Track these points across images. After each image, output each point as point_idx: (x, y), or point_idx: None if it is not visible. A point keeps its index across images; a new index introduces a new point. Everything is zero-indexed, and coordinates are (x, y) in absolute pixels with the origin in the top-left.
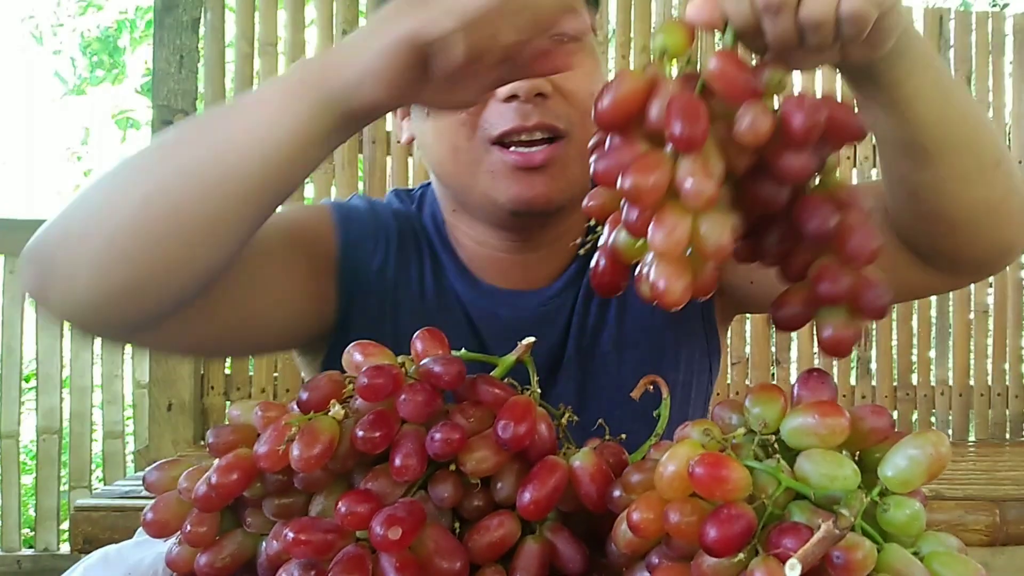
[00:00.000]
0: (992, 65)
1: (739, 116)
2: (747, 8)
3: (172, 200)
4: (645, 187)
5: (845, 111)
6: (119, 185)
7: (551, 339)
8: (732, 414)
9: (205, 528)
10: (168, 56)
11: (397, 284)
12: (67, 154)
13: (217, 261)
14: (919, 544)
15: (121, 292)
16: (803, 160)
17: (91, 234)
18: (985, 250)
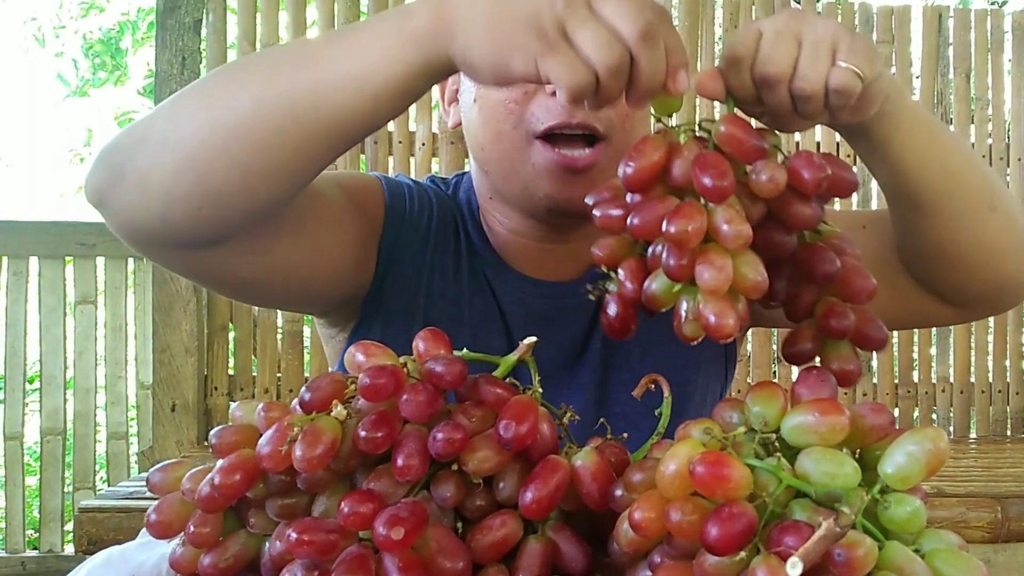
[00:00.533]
0: (991, 63)
1: (757, 171)
2: (747, 81)
3: (263, 124)
4: (689, 231)
5: (841, 167)
6: (209, 99)
7: (576, 331)
8: (733, 412)
9: (208, 529)
10: (170, 57)
11: (433, 264)
12: (70, 156)
13: (287, 189)
14: (920, 541)
15: (189, 203)
16: (811, 209)
17: (171, 142)
18: (988, 286)
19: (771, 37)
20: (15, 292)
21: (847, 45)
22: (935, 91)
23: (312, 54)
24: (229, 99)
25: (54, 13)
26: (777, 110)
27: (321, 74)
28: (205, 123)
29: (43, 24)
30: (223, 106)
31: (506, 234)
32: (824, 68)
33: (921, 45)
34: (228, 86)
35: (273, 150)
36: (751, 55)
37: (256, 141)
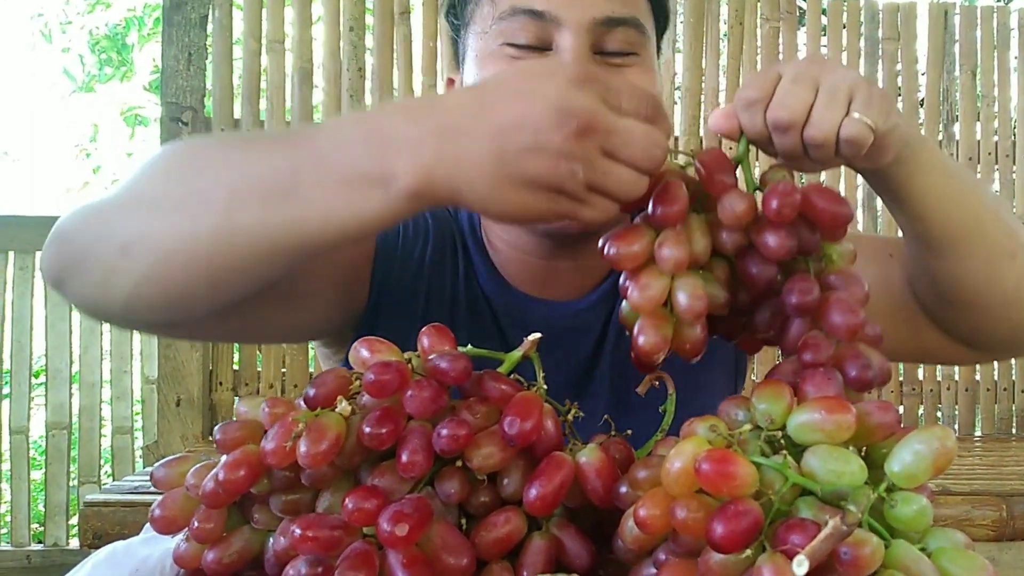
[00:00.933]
0: (997, 60)
1: (723, 202)
2: (760, 123)
3: (230, 253)
4: (627, 254)
5: (829, 198)
6: (168, 216)
7: (580, 352)
8: (738, 410)
9: (212, 524)
10: (176, 53)
11: (430, 284)
12: (76, 151)
13: (257, 287)
14: (926, 540)
15: (151, 305)
16: (780, 239)
17: (132, 253)
18: (1004, 332)
19: (788, 82)
20: (21, 287)
21: (863, 96)
22: (941, 88)
23: (283, 187)
24: (190, 223)
25: (60, 9)
26: (789, 154)
27: (298, 213)
28: (165, 243)
29: (50, 20)
30: (184, 231)
31: (507, 250)
32: (837, 118)
33: (927, 42)
34: (187, 207)
35: (242, 270)
36: (766, 98)
37: (222, 266)
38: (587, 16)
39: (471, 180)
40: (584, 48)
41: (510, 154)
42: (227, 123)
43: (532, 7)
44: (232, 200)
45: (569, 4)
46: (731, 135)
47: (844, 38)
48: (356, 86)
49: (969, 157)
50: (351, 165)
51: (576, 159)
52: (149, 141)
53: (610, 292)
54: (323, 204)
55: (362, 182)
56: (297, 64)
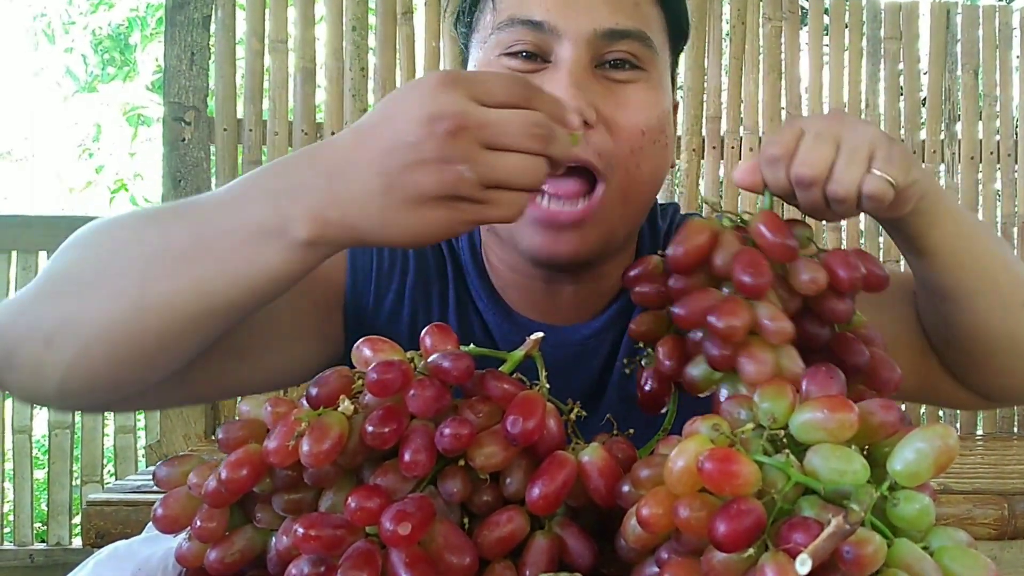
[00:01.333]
0: (999, 59)
1: (798, 270)
2: (783, 179)
3: (151, 325)
4: (736, 327)
5: (873, 263)
6: (83, 301)
7: (584, 379)
8: (741, 409)
9: (215, 523)
10: (179, 53)
11: (415, 310)
12: (79, 151)
13: (189, 357)
14: (929, 538)
15: (84, 390)
16: (845, 305)
17: (56, 344)
18: (1013, 382)
19: (810, 139)
20: (23, 285)
21: (884, 153)
22: (943, 88)
23: (189, 254)
24: (107, 305)
25: (63, 9)
26: (812, 208)
27: (206, 277)
28: (86, 330)
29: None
30: (101, 315)
31: (507, 273)
32: (858, 174)
33: (929, 41)
34: (101, 289)
35: (164, 345)
36: (789, 155)
37: (144, 343)
38: (587, 27)
39: (365, 213)
40: (584, 61)
41: (394, 176)
42: (230, 123)
43: (530, 16)
44: (143, 276)
45: (569, 13)
46: (755, 189)
47: (846, 37)
48: (359, 86)
49: (971, 156)
50: (248, 221)
51: (457, 160)
52: (152, 141)
53: (616, 318)
54: (227, 264)
55: (260, 236)
56: (300, 64)
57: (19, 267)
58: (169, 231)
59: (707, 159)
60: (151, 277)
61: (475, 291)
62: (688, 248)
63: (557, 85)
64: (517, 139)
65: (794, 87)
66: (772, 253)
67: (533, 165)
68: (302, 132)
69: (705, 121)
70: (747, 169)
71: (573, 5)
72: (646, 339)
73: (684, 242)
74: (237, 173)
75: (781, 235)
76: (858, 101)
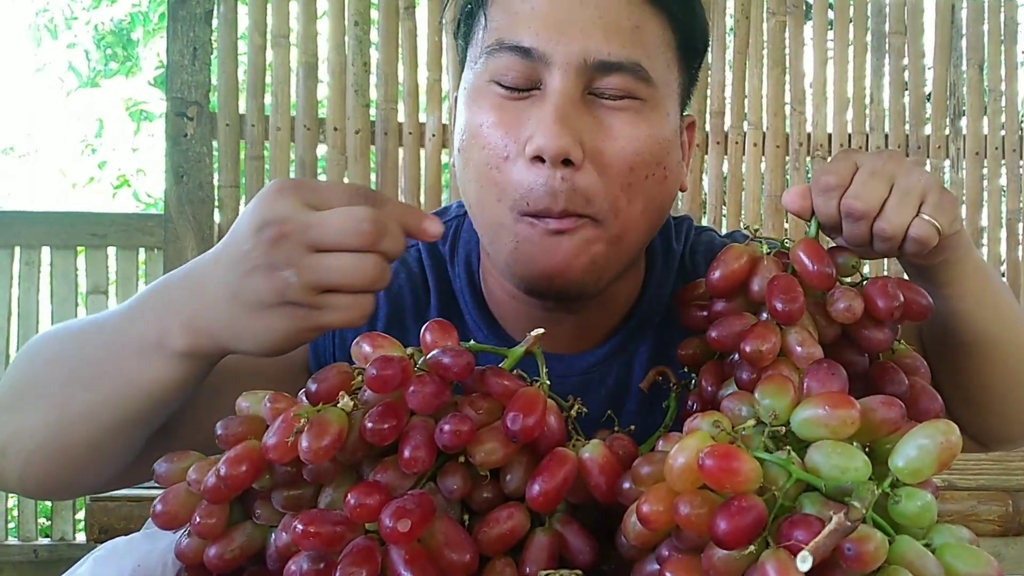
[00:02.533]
0: (1004, 54)
1: (835, 298)
2: (833, 209)
3: (78, 435)
4: (763, 351)
5: (915, 292)
6: (29, 408)
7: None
8: (742, 406)
9: (214, 520)
10: (181, 48)
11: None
12: (81, 147)
13: (131, 455)
14: (931, 535)
15: (43, 491)
16: (884, 334)
17: (8, 452)
18: (1012, 432)
19: (866, 175)
20: (27, 282)
21: (935, 199)
22: (948, 83)
23: (98, 369)
24: (39, 419)
25: (66, 4)
26: (854, 242)
27: (113, 389)
28: (27, 442)
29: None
30: (36, 428)
31: (506, 299)
32: (909, 216)
33: (934, 36)
34: (33, 405)
35: (99, 447)
36: (843, 186)
37: (80, 450)
38: (578, 55)
39: (220, 323)
40: (572, 91)
41: (235, 285)
42: (232, 118)
43: (519, 42)
44: (64, 391)
45: (558, 39)
46: (803, 215)
47: (850, 32)
48: (361, 81)
49: (976, 152)
50: (136, 336)
51: (282, 265)
52: (154, 136)
53: (622, 345)
54: (126, 376)
55: (149, 349)
56: (302, 59)
57: (22, 262)
58: (83, 347)
59: (711, 154)
60: (70, 392)
61: (472, 322)
62: (725, 273)
63: (542, 119)
64: (341, 237)
65: (798, 82)
66: (810, 280)
67: (363, 264)
68: (304, 127)
69: (709, 116)
70: (798, 193)
71: (564, 29)
72: (692, 363)
73: (722, 267)
74: (239, 168)
75: (820, 263)
76: (862, 96)
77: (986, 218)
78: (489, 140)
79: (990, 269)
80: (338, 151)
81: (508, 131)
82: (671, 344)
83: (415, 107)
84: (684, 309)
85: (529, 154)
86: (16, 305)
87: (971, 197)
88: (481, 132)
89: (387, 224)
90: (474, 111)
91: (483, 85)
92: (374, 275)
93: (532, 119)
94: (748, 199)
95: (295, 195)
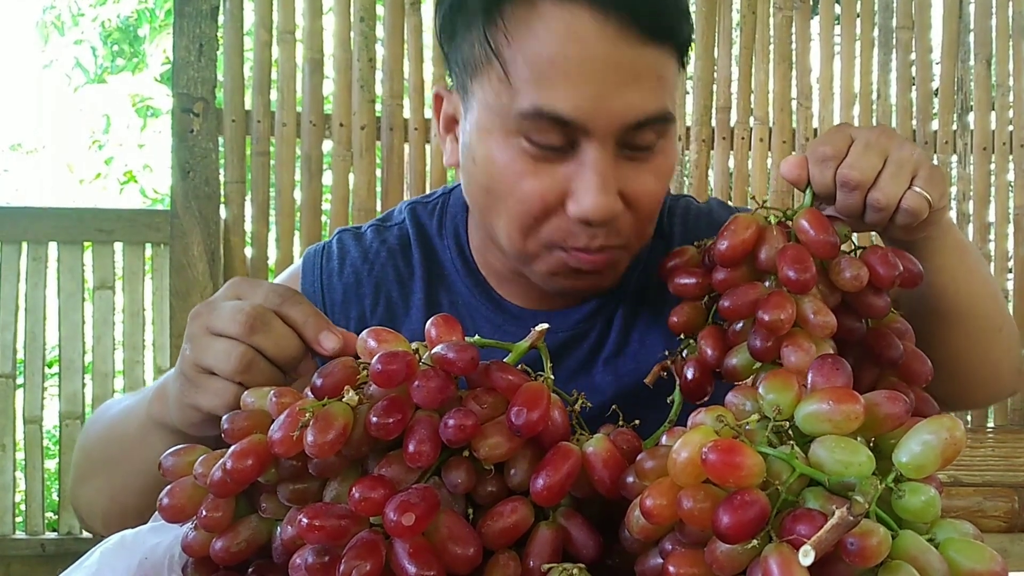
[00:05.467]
0: (1012, 49)
1: (841, 267)
2: (829, 179)
3: (130, 493)
4: (783, 320)
5: (908, 260)
6: (89, 484)
7: (577, 360)
8: (746, 400)
9: (220, 513)
10: (188, 45)
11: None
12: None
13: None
14: (935, 531)
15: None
16: (884, 301)
17: (93, 515)
18: (974, 398)
19: (861, 147)
20: (34, 277)
21: (926, 173)
22: (956, 78)
23: (121, 450)
24: (100, 487)
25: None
26: (847, 212)
27: (144, 453)
28: (102, 503)
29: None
30: (100, 492)
31: (512, 276)
32: (901, 187)
33: (942, 31)
34: (95, 476)
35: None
36: (839, 157)
37: (135, 503)
38: (617, 123)
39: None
40: (609, 154)
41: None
42: (238, 114)
43: (558, 114)
44: (116, 463)
45: (598, 111)
46: (798, 184)
47: (857, 27)
48: (367, 76)
49: (983, 147)
50: (148, 414)
51: (188, 339)
52: (161, 132)
53: (607, 300)
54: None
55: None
56: (308, 55)
57: (30, 258)
58: (125, 426)
59: (717, 150)
60: (117, 462)
61: (464, 288)
62: (734, 243)
63: (587, 187)
64: (223, 323)
65: (805, 77)
66: (815, 249)
67: (231, 351)
68: (310, 123)
69: (715, 112)
70: (795, 163)
71: (602, 99)
72: (685, 330)
73: (731, 237)
74: (245, 164)
75: (825, 232)
76: (869, 91)
77: (993, 213)
78: (525, 196)
79: (969, 246)
80: (344, 147)
81: (546, 189)
82: (644, 304)
83: (421, 103)
84: (672, 276)
85: (575, 216)
86: (23, 300)
87: (978, 192)
88: (509, 180)
89: (269, 322)
90: (499, 155)
91: (511, 136)
92: (237, 364)
93: (573, 182)
94: (754, 194)
95: (233, 288)
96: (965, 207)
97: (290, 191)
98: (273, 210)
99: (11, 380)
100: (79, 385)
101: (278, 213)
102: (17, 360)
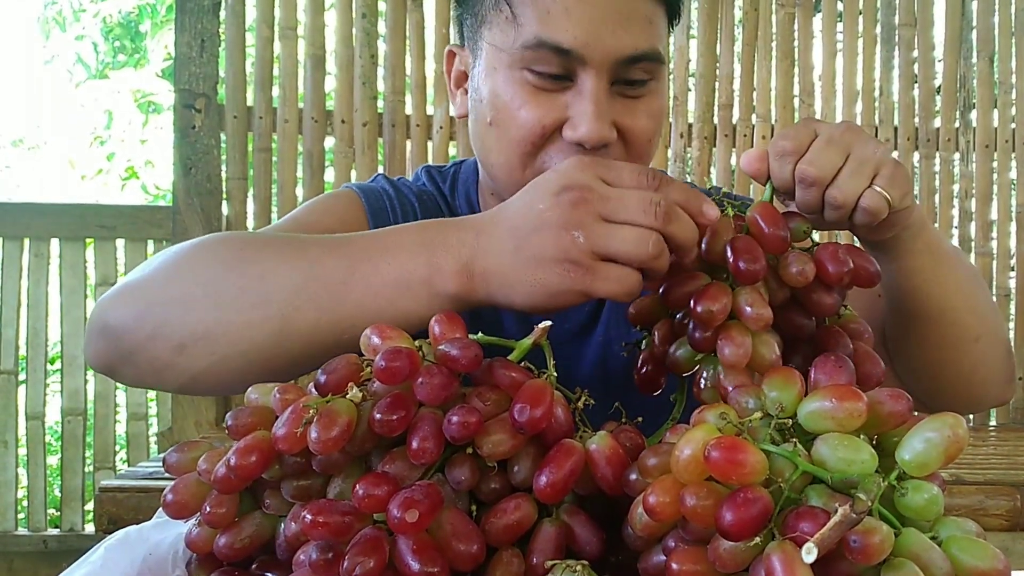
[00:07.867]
0: (1015, 46)
1: (788, 262)
2: (788, 174)
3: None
4: (714, 312)
5: (864, 259)
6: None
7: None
8: (749, 398)
9: (224, 509)
10: (189, 40)
11: None
12: (90, 139)
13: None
14: (937, 528)
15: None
16: (832, 299)
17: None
18: (952, 404)
19: (822, 143)
20: (36, 273)
21: (888, 172)
22: (958, 75)
23: (337, 293)
24: (247, 328)
25: None
26: (806, 208)
27: (349, 316)
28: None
29: (63, 7)
30: (241, 334)
31: None
32: (860, 186)
33: (944, 28)
34: (244, 310)
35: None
36: (799, 152)
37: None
38: (612, 56)
39: (500, 269)
40: (605, 85)
41: (522, 238)
42: (240, 110)
43: (559, 43)
44: (288, 305)
45: (595, 43)
46: (758, 178)
47: (860, 24)
48: (369, 73)
49: (986, 145)
50: (400, 269)
51: (574, 226)
52: (163, 128)
53: None
54: (373, 306)
55: (415, 285)
56: (310, 51)
57: (31, 254)
58: (318, 266)
59: (719, 147)
60: (296, 310)
61: None
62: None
63: (583, 113)
64: (633, 214)
65: (807, 74)
66: (765, 243)
67: (647, 239)
68: (312, 119)
69: (717, 109)
70: (756, 156)
71: (598, 33)
72: (644, 322)
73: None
74: (247, 160)
75: (776, 226)
76: (871, 88)
77: (995, 212)
78: (525, 122)
79: (947, 247)
80: (346, 143)
81: (545, 115)
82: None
83: (422, 99)
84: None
85: (571, 140)
86: (25, 297)
87: (981, 190)
88: (511, 111)
89: (676, 210)
90: (503, 88)
91: (515, 69)
92: (654, 252)
93: (570, 109)
94: (756, 192)
95: (595, 170)
96: (967, 205)
97: (292, 187)
98: (275, 206)
99: (13, 376)
100: (81, 381)
101: (280, 209)
102: (19, 356)
